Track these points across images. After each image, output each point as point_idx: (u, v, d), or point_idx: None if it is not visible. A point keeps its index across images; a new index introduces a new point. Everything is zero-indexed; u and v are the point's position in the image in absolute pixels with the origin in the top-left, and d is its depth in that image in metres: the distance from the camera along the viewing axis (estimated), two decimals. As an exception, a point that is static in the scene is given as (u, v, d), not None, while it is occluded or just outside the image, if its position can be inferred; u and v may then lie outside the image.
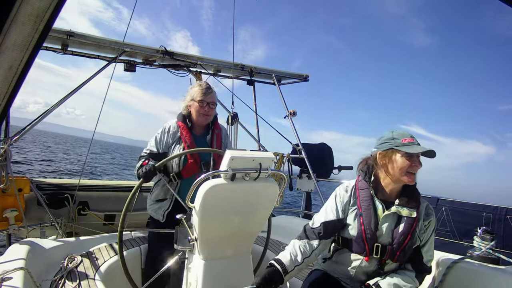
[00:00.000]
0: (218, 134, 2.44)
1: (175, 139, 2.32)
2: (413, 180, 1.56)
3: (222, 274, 1.83)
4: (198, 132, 2.39)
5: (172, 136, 2.32)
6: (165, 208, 2.28)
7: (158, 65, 3.92)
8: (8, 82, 0.66)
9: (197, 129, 2.39)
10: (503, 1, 0.61)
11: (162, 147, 2.31)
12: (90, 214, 3.43)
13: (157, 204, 2.32)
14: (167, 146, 2.31)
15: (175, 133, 2.33)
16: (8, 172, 2.70)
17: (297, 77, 4.68)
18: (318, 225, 1.67)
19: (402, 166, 1.54)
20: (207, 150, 2.30)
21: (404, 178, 1.55)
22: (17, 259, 1.83)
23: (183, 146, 2.27)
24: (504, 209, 4.09)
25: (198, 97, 2.28)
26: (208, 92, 2.30)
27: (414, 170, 1.54)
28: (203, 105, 2.28)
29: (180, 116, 2.37)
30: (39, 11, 0.60)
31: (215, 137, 2.41)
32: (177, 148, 2.29)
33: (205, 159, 2.31)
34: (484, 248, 1.97)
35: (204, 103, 2.28)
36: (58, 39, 3.18)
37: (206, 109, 2.29)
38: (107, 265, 2.19)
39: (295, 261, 1.60)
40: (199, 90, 2.30)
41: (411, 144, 1.54)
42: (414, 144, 1.54)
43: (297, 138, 4.35)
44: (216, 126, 2.46)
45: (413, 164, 1.53)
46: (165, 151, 2.31)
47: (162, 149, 2.31)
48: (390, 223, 1.59)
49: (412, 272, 1.61)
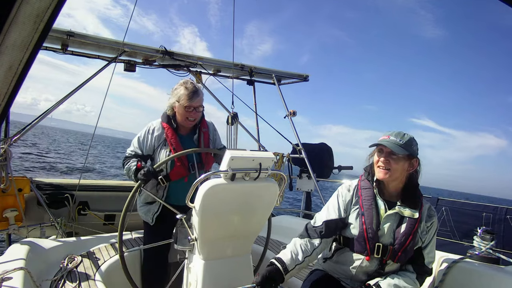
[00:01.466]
0: (205, 133, 2.34)
1: (160, 141, 2.22)
2: (385, 176, 1.58)
3: (222, 274, 1.83)
4: (184, 132, 2.30)
5: (157, 138, 2.22)
6: (154, 211, 2.23)
7: (158, 65, 3.92)
8: (8, 82, 0.66)
9: (183, 129, 2.29)
10: (503, 1, 0.61)
11: (146, 148, 2.22)
12: (90, 214, 3.42)
13: (146, 207, 2.26)
14: (151, 148, 2.22)
15: (160, 135, 2.22)
16: (8, 172, 2.70)
17: (297, 77, 4.68)
18: (320, 224, 1.68)
19: (374, 161, 1.65)
20: (207, 150, 2.30)
21: (376, 172, 1.63)
22: (17, 259, 1.83)
23: (169, 149, 2.18)
24: (504, 209, 4.09)
25: (185, 103, 2.14)
26: (194, 96, 2.15)
27: (381, 165, 1.59)
28: (189, 110, 2.16)
29: (165, 117, 2.25)
30: (39, 11, 0.60)
31: (202, 136, 2.32)
32: (163, 151, 2.20)
33: (192, 161, 2.24)
34: (484, 248, 1.97)
35: (190, 108, 2.16)
36: (58, 39, 3.18)
37: (192, 114, 2.18)
38: (107, 265, 2.19)
39: (296, 260, 1.60)
40: (185, 94, 2.14)
41: (382, 140, 1.59)
42: (384, 140, 1.58)
43: (297, 138, 4.35)
44: (203, 124, 2.35)
45: (379, 159, 1.60)
46: (149, 153, 2.23)
47: (146, 151, 2.22)
48: (392, 223, 1.59)
49: (413, 274, 1.61)
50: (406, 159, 1.57)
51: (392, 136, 1.58)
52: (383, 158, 1.59)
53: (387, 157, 1.58)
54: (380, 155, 1.61)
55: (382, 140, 1.59)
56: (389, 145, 1.55)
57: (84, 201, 3.43)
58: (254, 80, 4.53)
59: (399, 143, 1.55)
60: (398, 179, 1.60)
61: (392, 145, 1.55)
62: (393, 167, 1.56)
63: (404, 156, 1.56)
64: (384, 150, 1.59)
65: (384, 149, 1.59)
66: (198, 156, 2.28)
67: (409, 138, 1.58)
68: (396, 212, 1.59)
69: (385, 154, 1.59)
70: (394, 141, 1.56)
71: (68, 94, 3.19)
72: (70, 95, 3.20)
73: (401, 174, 1.59)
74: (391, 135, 1.60)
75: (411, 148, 1.56)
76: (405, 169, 1.59)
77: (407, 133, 1.60)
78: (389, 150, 1.56)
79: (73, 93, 3.21)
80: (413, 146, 1.58)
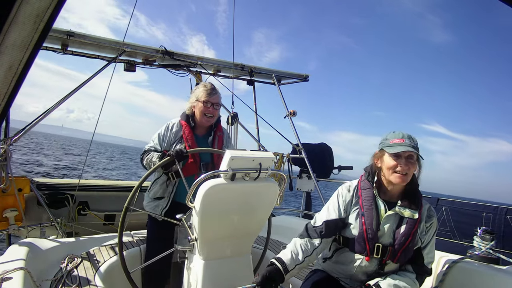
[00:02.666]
0: (220, 137, 2.44)
1: (177, 137, 2.31)
2: (403, 181, 1.55)
3: (222, 274, 1.82)
4: (200, 132, 2.39)
5: (175, 134, 2.32)
6: (162, 207, 2.27)
7: (158, 65, 3.92)
8: (8, 82, 0.66)
9: (200, 129, 2.39)
10: (503, 1, 0.61)
11: (164, 145, 2.31)
12: (90, 214, 3.42)
13: (154, 202, 2.31)
14: (169, 144, 2.31)
15: (178, 132, 2.32)
16: (8, 172, 2.70)
17: (297, 77, 4.68)
18: (320, 224, 1.68)
19: (389, 166, 1.57)
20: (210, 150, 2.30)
21: (391, 178, 1.57)
22: (17, 259, 1.83)
23: (184, 146, 2.26)
24: (504, 209, 4.09)
25: (203, 97, 2.28)
26: (213, 93, 2.31)
27: (401, 170, 1.54)
28: (207, 106, 2.28)
29: (184, 116, 2.37)
30: (39, 11, 0.60)
31: (217, 139, 2.40)
32: (178, 147, 2.25)
33: (205, 160, 2.31)
34: (484, 248, 1.97)
35: (208, 103, 2.28)
36: (58, 39, 3.18)
37: (210, 110, 2.29)
38: (107, 265, 2.18)
39: (296, 260, 1.60)
40: (203, 90, 2.30)
41: (398, 145, 1.55)
42: (402, 145, 1.54)
43: (297, 138, 4.35)
44: (219, 128, 2.47)
45: (399, 165, 1.54)
46: (166, 148, 2.30)
47: (164, 146, 2.31)
48: (391, 224, 1.59)
49: (412, 274, 1.61)
50: (417, 162, 1.58)
51: (407, 139, 1.56)
52: (404, 163, 1.54)
53: (408, 162, 1.54)
54: (398, 160, 1.55)
55: (405, 145, 1.54)
56: (414, 151, 1.53)
57: (84, 201, 3.43)
58: (254, 80, 4.53)
59: (417, 147, 1.55)
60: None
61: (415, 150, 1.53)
62: (410, 171, 1.55)
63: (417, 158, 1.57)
64: (402, 155, 1.55)
65: (404, 154, 1.54)
66: (211, 156, 2.34)
67: (416, 139, 1.59)
68: (396, 212, 1.59)
69: (406, 159, 1.54)
70: (413, 145, 1.54)
71: (67, 95, 3.20)
72: (69, 96, 3.20)
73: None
74: (405, 138, 1.57)
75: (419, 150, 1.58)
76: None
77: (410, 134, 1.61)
78: (413, 154, 1.54)
79: (72, 94, 3.21)
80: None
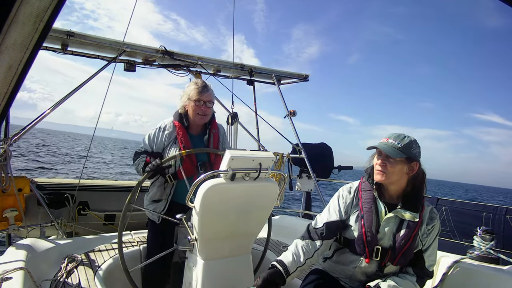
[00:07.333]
0: (215, 134, 2.39)
1: (170, 139, 2.25)
2: (380, 178, 1.57)
3: (222, 274, 1.82)
4: (195, 131, 2.34)
5: (168, 136, 2.25)
6: (160, 209, 2.23)
7: (158, 65, 3.92)
8: (8, 82, 0.66)
9: (194, 128, 2.34)
10: (503, 1, 0.61)
11: (156, 146, 2.25)
12: (90, 214, 3.43)
13: (152, 205, 2.27)
14: (161, 146, 2.25)
15: (171, 133, 2.26)
16: (8, 172, 2.69)
17: (297, 76, 4.68)
18: (321, 225, 1.67)
19: (374, 163, 1.63)
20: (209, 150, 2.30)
21: (374, 174, 1.62)
22: (17, 259, 1.83)
23: (179, 147, 2.21)
24: (504, 209, 4.10)
25: (195, 96, 2.21)
26: (204, 90, 2.23)
27: (378, 168, 1.58)
28: (199, 104, 2.21)
29: (177, 115, 2.30)
30: (39, 11, 0.60)
31: (212, 137, 2.35)
32: (173, 149, 2.22)
33: (202, 160, 2.27)
34: (484, 248, 1.98)
35: (200, 102, 2.21)
36: (58, 39, 3.18)
37: (202, 108, 2.23)
38: (107, 265, 2.18)
39: (297, 262, 1.60)
40: (195, 88, 2.23)
41: (380, 143, 1.59)
42: (382, 143, 1.58)
43: (297, 138, 4.35)
44: (214, 125, 2.41)
45: (378, 162, 1.59)
46: (158, 150, 2.26)
47: (155, 148, 2.25)
48: (391, 226, 1.58)
49: (413, 276, 1.59)
50: (404, 163, 1.55)
51: (391, 139, 1.57)
52: (380, 161, 1.58)
53: (384, 160, 1.57)
54: (378, 158, 1.60)
55: (380, 143, 1.58)
56: (385, 148, 1.55)
57: (84, 201, 3.44)
58: (254, 80, 4.53)
59: (396, 146, 1.54)
60: (397, 182, 1.59)
61: (389, 148, 1.54)
62: (389, 170, 1.55)
63: (402, 159, 1.54)
64: (382, 153, 1.58)
65: (382, 152, 1.58)
66: (207, 156, 2.30)
67: (409, 141, 1.56)
68: (396, 215, 1.58)
69: (383, 157, 1.58)
70: (391, 144, 1.55)
71: (67, 94, 3.19)
72: (69, 96, 3.20)
73: (400, 178, 1.57)
74: (390, 137, 1.58)
75: (410, 151, 1.54)
76: (404, 172, 1.57)
77: (408, 136, 1.58)
78: (381, 153, 1.57)
79: (72, 94, 3.21)
80: (412, 149, 1.56)
